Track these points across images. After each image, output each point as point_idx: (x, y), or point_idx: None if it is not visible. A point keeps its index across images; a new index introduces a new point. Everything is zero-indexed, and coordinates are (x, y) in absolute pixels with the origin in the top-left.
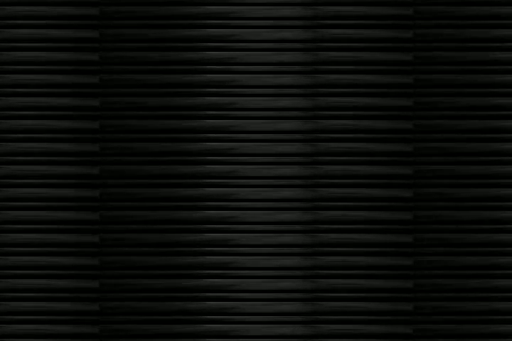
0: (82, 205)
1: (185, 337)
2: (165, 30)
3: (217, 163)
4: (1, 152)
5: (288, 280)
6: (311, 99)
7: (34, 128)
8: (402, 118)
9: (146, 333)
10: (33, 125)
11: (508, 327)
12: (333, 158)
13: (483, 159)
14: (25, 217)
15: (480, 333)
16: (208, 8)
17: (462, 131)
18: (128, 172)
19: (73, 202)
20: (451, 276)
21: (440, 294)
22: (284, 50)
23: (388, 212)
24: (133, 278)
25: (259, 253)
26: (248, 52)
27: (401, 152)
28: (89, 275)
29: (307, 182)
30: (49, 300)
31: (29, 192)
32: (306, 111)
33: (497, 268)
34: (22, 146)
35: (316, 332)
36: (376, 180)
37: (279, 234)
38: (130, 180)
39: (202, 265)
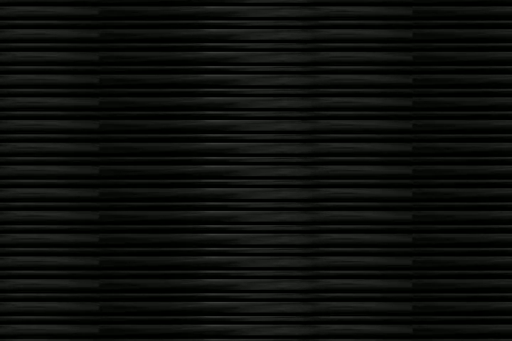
0: (82, 205)
1: (185, 337)
2: (165, 30)
3: (217, 163)
4: (1, 152)
5: (288, 281)
6: (311, 99)
7: (34, 128)
8: (402, 119)
9: (146, 333)
10: (33, 125)
11: (508, 327)
12: (332, 158)
13: (482, 159)
14: (25, 217)
15: (480, 333)
16: (208, 8)
17: (462, 131)
18: (128, 172)
19: (73, 202)
20: (451, 276)
21: (440, 294)
22: (284, 50)
23: (388, 212)
24: (133, 278)
25: (259, 253)
26: (248, 52)
27: (400, 152)
28: (89, 275)
29: (307, 182)
30: (49, 300)
31: (29, 192)
32: (306, 111)
33: (497, 268)
34: (22, 146)
35: (316, 332)
36: (376, 180)
37: (279, 234)
38: (130, 180)
39: (202, 265)
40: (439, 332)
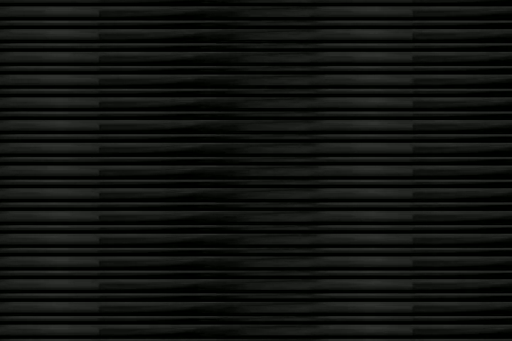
0: (82, 205)
1: (185, 337)
2: (165, 30)
3: (217, 163)
4: (1, 152)
5: (288, 280)
6: (311, 99)
7: (34, 128)
8: (402, 119)
9: (146, 333)
10: (33, 125)
11: (508, 327)
12: (332, 158)
13: (483, 159)
14: (25, 217)
15: (480, 333)
16: (208, 8)
17: (462, 131)
18: (128, 172)
19: (73, 202)
20: (451, 276)
21: (440, 294)
22: (284, 50)
23: (388, 212)
24: (133, 278)
25: (259, 253)
26: (248, 52)
27: (401, 152)
28: (89, 275)
29: (307, 182)
30: (49, 300)
31: (29, 192)
32: (306, 111)
33: (497, 268)
34: (22, 146)
35: (316, 332)
36: (376, 180)
37: (279, 234)
38: (130, 180)
39: (202, 265)
40: (439, 332)
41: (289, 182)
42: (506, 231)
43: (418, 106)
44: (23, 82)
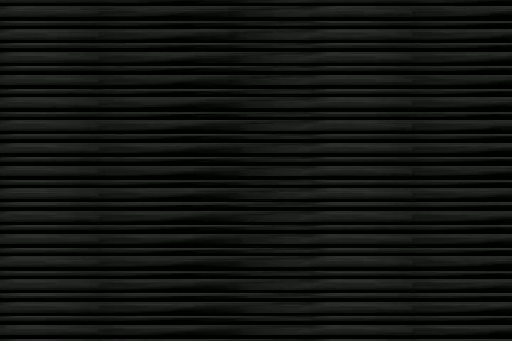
0: (82, 205)
1: (185, 337)
2: (165, 30)
3: (217, 163)
4: (1, 152)
5: (288, 281)
6: (311, 99)
7: (34, 128)
8: (402, 119)
9: (146, 333)
10: (33, 125)
11: (508, 327)
12: (332, 158)
13: (483, 159)
14: (25, 217)
15: (480, 333)
16: (208, 8)
17: (462, 131)
18: (128, 172)
19: (73, 202)
20: (451, 276)
21: (440, 294)
22: (284, 50)
23: (388, 212)
24: (133, 278)
25: (259, 253)
26: (248, 52)
27: (401, 152)
28: (89, 275)
29: (307, 182)
30: (49, 300)
31: (29, 192)
32: (306, 111)
33: (497, 268)
34: (22, 146)
35: (316, 332)
36: (376, 180)
37: (279, 234)
38: (130, 180)
39: (202, 265)
40: (439, 332)
41: (289, 182)
42: (506, 232)
43: (418, 106)
44: (23, 82)
